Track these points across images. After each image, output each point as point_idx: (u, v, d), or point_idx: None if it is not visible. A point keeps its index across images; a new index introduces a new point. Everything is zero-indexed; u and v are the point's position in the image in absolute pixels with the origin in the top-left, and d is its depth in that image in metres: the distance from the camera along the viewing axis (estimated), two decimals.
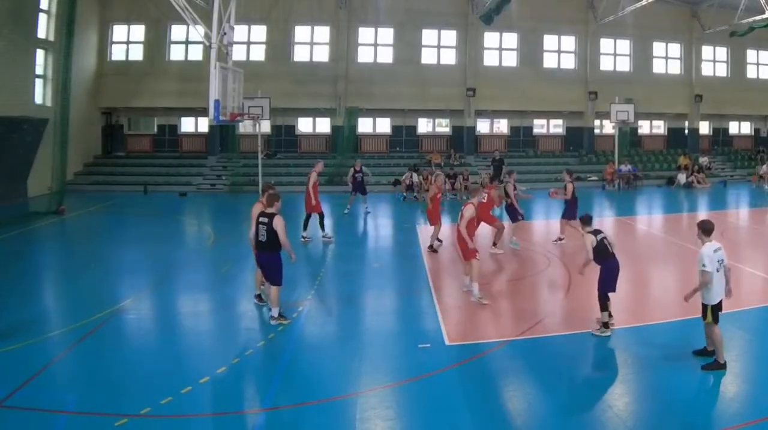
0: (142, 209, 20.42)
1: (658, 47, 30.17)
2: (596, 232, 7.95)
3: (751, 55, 30.98)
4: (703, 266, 6.51)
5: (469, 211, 9.68)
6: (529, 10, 27.31)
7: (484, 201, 12.28)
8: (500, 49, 28.90)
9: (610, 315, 7.82)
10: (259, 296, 9.15)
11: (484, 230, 13.25)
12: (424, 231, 16.22)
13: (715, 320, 6.65)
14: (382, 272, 11.79)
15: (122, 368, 6.91)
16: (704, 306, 6.68)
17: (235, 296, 9.94)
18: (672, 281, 11.28)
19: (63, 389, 6.42)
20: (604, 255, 7.80)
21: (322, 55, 27.80)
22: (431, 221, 13.40)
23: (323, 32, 27.72)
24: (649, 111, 29.45)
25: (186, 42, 26.77)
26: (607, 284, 7.75)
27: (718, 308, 6.67)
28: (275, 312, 8.24)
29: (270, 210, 8.11)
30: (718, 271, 6.58)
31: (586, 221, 8.18)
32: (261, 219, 8.05)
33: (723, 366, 6.62)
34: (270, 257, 8.10)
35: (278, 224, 7.92)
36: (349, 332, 8.37)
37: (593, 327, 7.93)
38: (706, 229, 6.74)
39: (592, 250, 7.79)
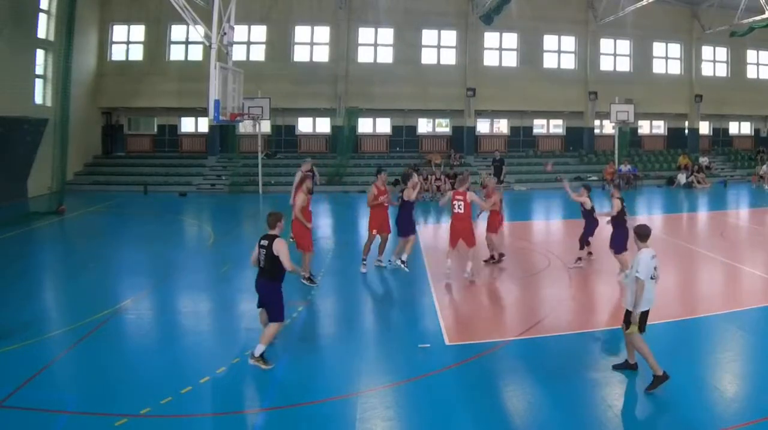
0: (142, 209, 20.42)
1: (658, 47, 30.17)
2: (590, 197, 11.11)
3: (751, 55, 30.97)
4: (637, 272, 6.21)
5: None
6: (529, 10, 27.30)
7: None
8: (500, 49, 28.88)
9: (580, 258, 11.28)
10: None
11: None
12: (424, 231, 16.24)
13: (641, 329, 6.29)
14: (382, 271, 11.78)
15: (122, 368, 6.91)
16: (627, 313, 6.35)
17: (235, 296, 9.94)
18: (671, 281, 11.24)
19: (63, 389, 6.42)
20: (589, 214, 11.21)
21: (322, 55, 27.78)
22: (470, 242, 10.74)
23: (323, 32, 27.69)
24: (649, 111, 29.43)
25: (186, 42, 26.74)
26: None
27: (643, 319, 6.30)
28: (258, 350, 6.83)
29: (272, 232, 7.00)
30: (652, 278, 6.28)
31: (589, 188, 11.31)
32: (262, 242, 6.94)
33: (665, 377, 6.20)
34: (268, 287, 6.94)
35: (280, 247, 6.79)
36: (349, 332, 8.38)
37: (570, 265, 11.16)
38: (642, 234, 6.46)
39: (588, 208, 11.01)
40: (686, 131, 31.21)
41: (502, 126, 30.79)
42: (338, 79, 27.12)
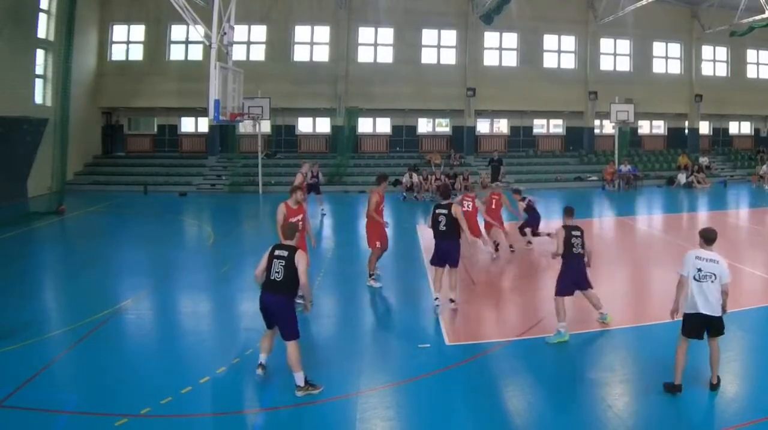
0: (142, 209, 20.41)
1: (658, 47, 30.17)
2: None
3: (751, 55, 30.97)
4: (680, 269, 6.19)
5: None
6: (529, 10, 27.30)
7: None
8: (500, 49, 28.88)
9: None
10: (262, 366, 6.60)
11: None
12: (425, 231, 16.19)
13: (684, 332, 6.16)
14: (382, 272, 11.76)
15: (122, 368, 6.91)
16: (683, 315, 6.24)
17: (235, 296, 9.95)
18: (672, 281, 11.25)
19: (63, 389, 6.42)
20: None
21: (322, 55, 27.79)
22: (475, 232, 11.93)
23: (323, 32, 27.70)
24: (649, 111, 29.43)
25: (186, 42, 26.74)
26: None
27: (688, 318, 6.12)
28: (300, 379, 6.24)
29: (289, 242, 6.51)
30: (696, 280, 6.07)
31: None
32: (278, 252, 6.31)
33: (677, 389, 6.08)
34: (282, 302, 6.23)
35: (301, 260, 6.24)
36: (349, 332, 8.38)
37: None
38: (706, 238, 6.26)
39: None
40: (686, 131, 31.21)
41: (502, 126, 30.79)
42: (338, 79, 27.12)
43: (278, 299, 6.22)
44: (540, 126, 31.16)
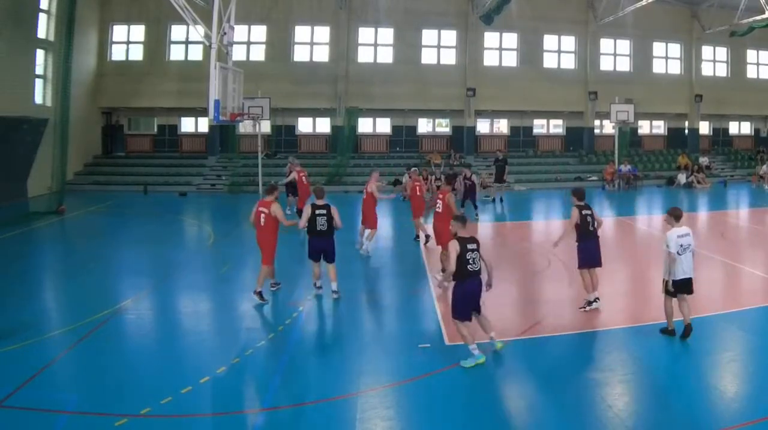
0: (142, 209, 20.42)
1: (658, 47, 30.18)
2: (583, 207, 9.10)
3: (751, 55, 30.99)
4: (667, 247, 7.40)
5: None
6: (529, 10, 27.32)
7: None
8: (500, 49, 28.89)
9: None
10: (317, 286, 9.63)
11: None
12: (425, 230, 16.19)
13: (669, 293, 7.50)
14: (383, 271, 11.78)
15: (122, 368, 6.91)
16: (664, 281, 7.57)
17: (235, 296, 9.94)
18: None
19: (63, 389, 6.42)
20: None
21: (322, 55, 27.80)
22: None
23: (323, 32, 27.71)
24: (649, 111, 29.44)
25: (186, 42, 26.76)
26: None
27: (676, 284, 7.42)
28: (335, 286, 9.42)
29: (322, 202, 9.38)
30: (679, 254, 7.37)
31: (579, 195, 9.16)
32: (319, 211, 9.21)
33: (670, 332, 7.57)
34: (330, 242, 9.35)
35: (335, 212, 9.32)
36: (349, 332, 8.37)
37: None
38: (675, 215, 7.62)
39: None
40: (686, 131, 31.22)
41: (502, 126, 30.80)
42: (338, 79, 27.13)
43: (327, 241, 9.35)
44: (540, 126, 31.17)
